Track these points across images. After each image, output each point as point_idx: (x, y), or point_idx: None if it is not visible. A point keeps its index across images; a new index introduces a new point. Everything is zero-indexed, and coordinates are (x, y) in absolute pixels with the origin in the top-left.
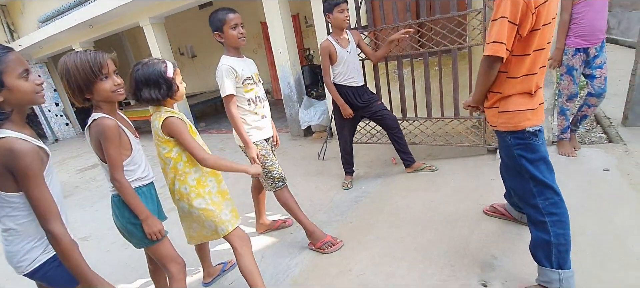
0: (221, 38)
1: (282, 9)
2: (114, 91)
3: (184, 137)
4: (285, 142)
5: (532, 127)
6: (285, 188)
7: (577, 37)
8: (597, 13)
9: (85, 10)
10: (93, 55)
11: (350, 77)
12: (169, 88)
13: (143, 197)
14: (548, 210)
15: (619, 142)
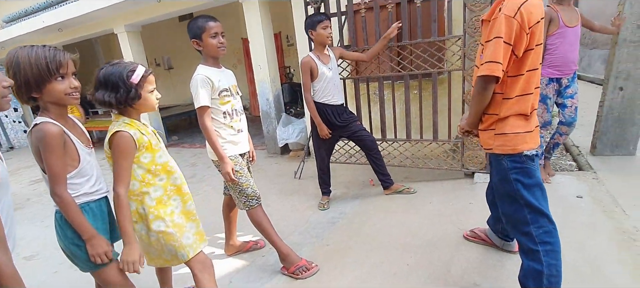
0: (199, 46)
1: (264, 25)
2: (68, 94)
3: (115, 158)
4: (262, 160)
5: (530, 150)
6: (259, 207)
7: (551, 67)
8: (570, 45)
9: (56, 12)
10: (52, 51)
11: (330, 94)
12: (127, 94)
13: (90, 214)
14: (542, 238)
15: (588, 170)
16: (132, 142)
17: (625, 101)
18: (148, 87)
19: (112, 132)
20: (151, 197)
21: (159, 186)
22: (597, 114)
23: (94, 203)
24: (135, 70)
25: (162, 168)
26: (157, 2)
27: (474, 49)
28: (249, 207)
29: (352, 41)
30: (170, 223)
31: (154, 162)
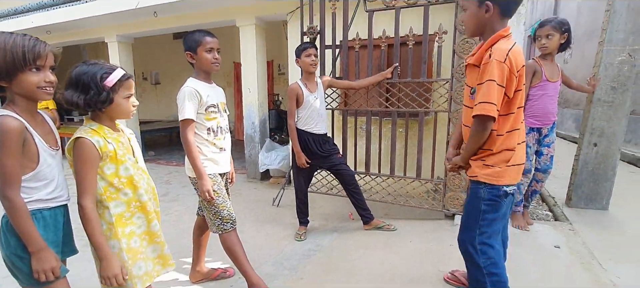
0: (193, 59)
1: (258, 49)
2: (41, 88)
3: (76, 167)
4: (241, 184)
5: (509, 185)
6: (233, 231)
7: (532, 117)
8: (550, 97)
9: (47, 14)
10: (32, 41)
11: (313, 123)
12: (97, 96)
13: (41, 222)
14: (489, 270)
15: (564, 221)
16: (95, 150)
17: (599, 157)
18: (124, 93)
19: (74, 137)
20: (110, 213)
21: (122, 202)
22: (573, 167)
23: (49, 211)
24: (111, 73)
25: (128, 181)
26: (154, 16)
27: (460, 93)
28: (222, 231)
29: (344, 74)
30: (126, 247)
31: (117, 174)
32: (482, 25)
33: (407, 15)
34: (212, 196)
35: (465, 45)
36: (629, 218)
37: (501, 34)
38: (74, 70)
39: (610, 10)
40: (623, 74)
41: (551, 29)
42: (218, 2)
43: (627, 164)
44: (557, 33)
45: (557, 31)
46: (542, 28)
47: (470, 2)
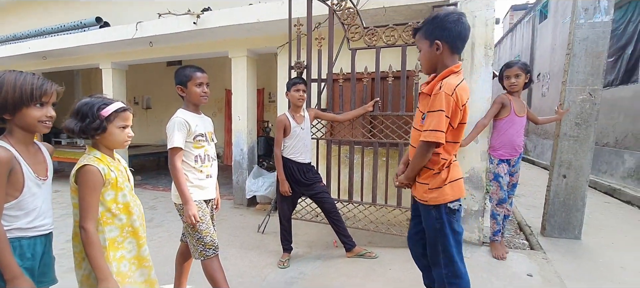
0: (183, 92)
1: (249, 79)
2: (42, 122)
3: (82, 193)
4: (227, 210)
5: (453, 202)
6: (215, 257)
7: (501, 149)
8: (516, 131)
9: (43, 41)
10: (40, 80)
11: (298, 152)
12: (91, 123)
13: (18, 251)
14: (449, 280)
15: (539, 250)
16: (100, 177)
17: (568, 188)
18: (118, 123)
19: (80, 165)
20: (105, 237)
21: (116, 227)
22: (545, 198)
23: (27, 240)
24: (109, 104)
25: (124, 207)
26: (149, 46)
27: None
28: (204, 257)
29: (329, 106)
30: (115, 270)
31: (116, 201)
32: (434, 62)
33: (387, 53)
34: (197, 220)
35: None
36: (600, 247)
37: (452, 69)
38: (77, 103)
39: (570, 53)
40: (585, 111)
41: (518, 70)
42: (212, 35)
43: (603, 194)
44: (523, 73)
45: (523, 71)
46: (511, 69)
47: (423, 42)
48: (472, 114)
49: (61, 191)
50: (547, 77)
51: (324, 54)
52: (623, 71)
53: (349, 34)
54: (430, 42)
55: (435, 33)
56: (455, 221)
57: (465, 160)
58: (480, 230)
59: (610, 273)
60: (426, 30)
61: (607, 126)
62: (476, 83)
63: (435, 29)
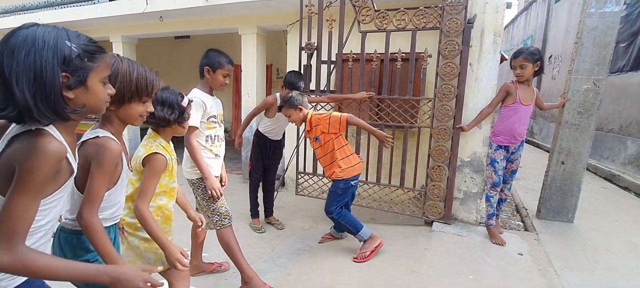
0: (209, 74)
1: (259, 57)
2: (142, 116)
3: (148, 177)
4: (236, 184)
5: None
6: (230, 227)
7: (500, 135)
8: (519, 119)
9: (53, 13)
10: (151, 74)
11: (274, 133)
12: (181, 114)
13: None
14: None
15: (532, 231)
16: (165, 165)
17: (566, 174)
18: (189, 110)
19: (150, 151)
20: (153, 207)
21: (156, 206)
22: (543, 182)
23: (108, 228)
24: (183, 98)
25: (169, 191)
26: (160, 21)
27: (441, 111)
28: (221, 226)
29: (338, 87)
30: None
31: (168, 185)
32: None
33: (397, 37)
34: (220, 193)
35: (447, 68)
36: (591, 231)
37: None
38: (161, 93)
39: (578, 42)
40: (588, 101)
41: (523, 60)
42: (222, 11)
43: (602, 180)
44: (529, 63)
45: (529, 61)
46: (516, 59)
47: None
48: (477, 100)
49: None
50: (558, 60)
51: (335, 36)
52: (634, 57)
53: (360, 16)
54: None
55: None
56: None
57: (468, 144)
58: (477, 211)
59: (595, 254)
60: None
61: (613, 112)
62: (483, 69)
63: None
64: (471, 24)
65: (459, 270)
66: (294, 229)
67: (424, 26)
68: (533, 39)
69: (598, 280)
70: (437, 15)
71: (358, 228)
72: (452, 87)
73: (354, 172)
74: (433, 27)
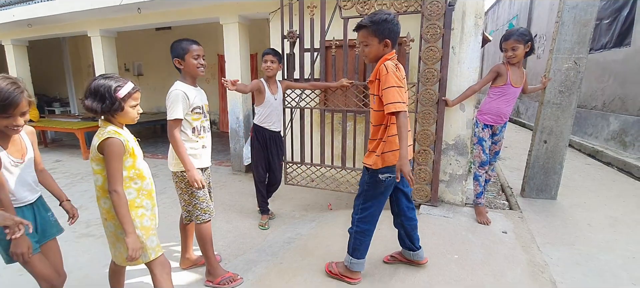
0: (181, 65)
1: (242, 46)
2: (9, 127)
3: (110, 161)
4: (226, 176)
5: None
6: (209, 222)
7: (486, 115)
8: (507, 101)
9: (28, 8)
10: (9, 91)
11: (270, 121)
12: (111, 105)
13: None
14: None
15: (516, 209)
16: (122, 146)
17: (548, 152)
18: (131, 102)
19: (103, 138)
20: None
21: (133, 189)
22: (526, 162)
23: (17, 209)
24: (123, 86)
25: (140, 173)
26: (138, 12)
27: (425, 96)
28: (201, 221)
29: (322, 75)
30: (139, 225)
31: (134, 167)
32: (380, 54)
33: None
34: (202, 184)
35: (429, 52)
36: (573, 207)
37: (387, 57)
38: (92, 83)
39: (559, 21)
40: (569, 79)
41: (514, 42)
42: (202, 1)
43: (585, 156)
44: (521, 44)
45: (520, 43)
46: (507, 41)
47: (373, 39)
48: (460, 82)
49: (62, 160)
50: (543, 39)
51: (316, 23)
52: (617, 34)
53: (341, 2)
54: (379, 39)
55: (385, 33)
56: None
57: (452, 128)
58: (463, 192)
59: (576, 229)
60: (377, 30)
61: (596, 89)
62: (465, 52)
63: (385, 30)
64: (452, 7)
65: (444, 250)
66: (285, 218)
67: (406, 10)
68: (518, 19)
69: (578, 254)
70: None
71: (356, 255)
72: (435, 71)
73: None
74: (414, 11)
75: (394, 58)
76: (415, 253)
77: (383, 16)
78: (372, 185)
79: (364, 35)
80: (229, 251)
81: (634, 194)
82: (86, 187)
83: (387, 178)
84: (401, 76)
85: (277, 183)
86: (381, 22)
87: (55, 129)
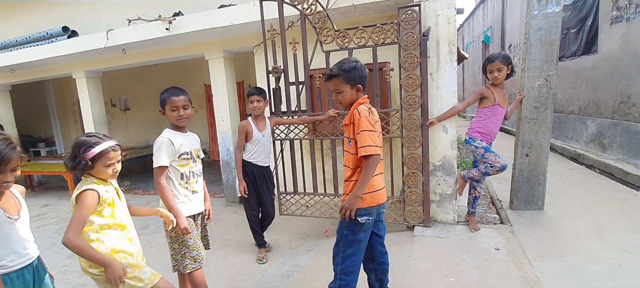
0: (164, 115)
1: (228, 77)
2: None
3: (76, 210)
4: (220, 208)
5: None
6: (200, 269)
7: (479, 133)
8: (496, 120)
9: (10, 55)
10: (0, 147)
11: (259, 157)
12: (79, 163)
13: (9, 285)
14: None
15: (507, 223)
16: (97, 198)
17: (531, 165)
18: (104, 162)
19: (80, 190)
20: (106, 245)
21: (113, 236)
22: (511, 175)
23: (13, 274)
24: (94, 146)
25: (119, 224)
26: (123, 53)
27: (409, 121)
28: (192, 269)
29: (308, 106)
30: (126, 263)
31: (113, 216)
32: (353, 100)
33: (359, 54)
34: (189, 230)
35: (409, 80)
36: (559, 216)
37: (360, 102)
38: (75, 140)
39: (527, 42)
40: (542, 96)
41: (500, 63)
42: (186, 39)
43: (568, 161)
44: (504, 66)
45: (504, 64)
46: (493, 63)
47: (345, 86)
48: (440, 106)
49: (51, 205)
50: (517, 49)
51: (300, 56)
52: (584, 42)
53: (321, 37)
54: (351, 86)
55: (356, 79)
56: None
57: (437, 149)
58: (454, 211)
59: (564, 240)
60: (348, 77)
61: (572, 95)
62: (443, 78)
63: (356, 76)
64: (426, 37)
65: (440, 274)
66: (282, 249)
67: (383, 42)
68: (492, 30)
69: (567, 266)
70: (394, 30)
71: None
72: (416, 97)
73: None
74: (392, 42)
75: (366, 102)
76: None
77: (351, 64)
78: (351, 230)
79: (336, 84)
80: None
81: (616, 198)
82: None
83: (367, 221)
84: (374, 120)
85: (271, 216)
86: (351, 69)
87: (43, 173)
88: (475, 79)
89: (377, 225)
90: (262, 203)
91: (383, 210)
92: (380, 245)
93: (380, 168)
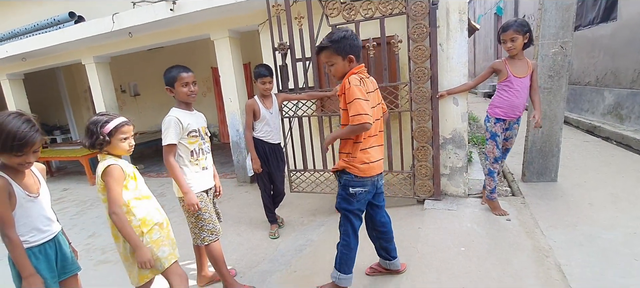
0: (172, 93)
1: (235, 59)
2: (21, 165)
3: (109, 186)
4: (232, 188)
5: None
6: (217, 241)
7: (498, 108)
8: (516, 92)
9: (21, 43)
10: (25, 131)
11: (268, 134)
12: (97, 139)
13: (33, 258)
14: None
15: (519, 195)
16: (122, 171)
17: (544, 136)
18: (119, 136)
19: (104, 166)
20: (136, 218)
21: (142, 207)
22: (524, 147)
23: (36, 248)
24: (109, 122)
25: (144, 195)
26: (129, 36)
27: (418, 94)
28: (209, 242)
29: (315, 83)
30: (149, 240)
31: (138, 190)
32: (346, 71)
33: (367, 26)
34: (198, 208)
35: (418, 51)
36: (573, 187)
37: (353, 71)
38: (88, 121)
39: (542, 8)
40: (557, 64)
41: (514, 33)
42: (190, 19)
43: (583, 133)
44: (519, 35)
45: (519, 33)
46: (506, 32)
47: (337, 58)
48: (450, 78)
49: (70, 188)
50: (531, 19)
51: (305, 32)
52: (603, 9)
53: (327, 10)
54: (342, 57)
55: (347, 50)
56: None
57: (448, 122)
58: (465, 184)
59: (578, 210)
60: (338, 48)
61: (588, 65)
62: (453, 48)
63: (346, 47)
64: (436, 5)
65: (450, 243)
66: (294, 225)
67: (391, 12)
68: (505, 1)
69: (581, 235)
70: (403, 0)
71: (343, 268)
72: (425, 69)
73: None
74: (400, 13)
75: (361, 71)
76: (391, 262)
77: (341, 34)
78: (347, 201)
79: (327, 56)
80: (243, 264)
81: (634, 169)
82: (97, 213)
83: (359, 192)
84: (366, 89)
85: (281, 194)
86: (340, 39)
87: (60, 159)
88: (487, 53)
89: (376, 197)
90: (273, 181)
91: (381, 183)
92: (380, 215)
93: (379, 141)
